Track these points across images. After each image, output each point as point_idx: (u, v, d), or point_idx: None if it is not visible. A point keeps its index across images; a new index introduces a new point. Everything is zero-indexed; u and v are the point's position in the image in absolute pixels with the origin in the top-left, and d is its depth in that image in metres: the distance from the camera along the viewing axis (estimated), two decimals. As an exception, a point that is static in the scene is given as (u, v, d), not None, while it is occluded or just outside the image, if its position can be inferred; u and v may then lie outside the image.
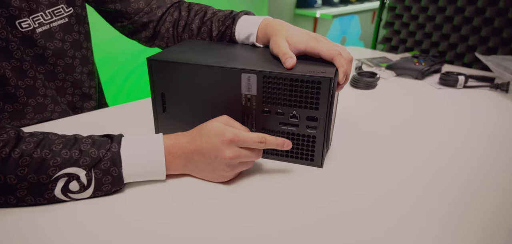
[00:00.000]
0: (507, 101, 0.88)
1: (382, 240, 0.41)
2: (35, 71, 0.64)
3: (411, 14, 1.55)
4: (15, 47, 0.61)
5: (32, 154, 0.43)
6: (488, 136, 0.69)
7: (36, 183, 0.43)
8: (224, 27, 0.69)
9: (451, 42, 1.45)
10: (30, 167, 0.43)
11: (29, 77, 0.64)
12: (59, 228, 0.42)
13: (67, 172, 0.44)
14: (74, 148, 0.45)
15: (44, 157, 0.44)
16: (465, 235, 0.43)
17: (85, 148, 0.46)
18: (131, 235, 0.41)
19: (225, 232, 0.42)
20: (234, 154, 0.48)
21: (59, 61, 0.67)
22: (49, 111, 0.70)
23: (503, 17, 1.30)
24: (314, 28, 3.07)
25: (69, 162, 0.44)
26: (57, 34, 0.65)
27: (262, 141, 0.50)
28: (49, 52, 0.65)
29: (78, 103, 0.76)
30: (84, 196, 0.46)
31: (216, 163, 0.49)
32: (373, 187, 0.51)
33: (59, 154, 0.44)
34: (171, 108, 0.59)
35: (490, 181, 0.54)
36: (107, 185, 0.47)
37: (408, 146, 0.63)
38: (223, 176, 0.50)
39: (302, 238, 0.41)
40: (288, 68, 0.51)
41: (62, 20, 0.66)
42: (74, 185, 0.45)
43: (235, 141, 0.48)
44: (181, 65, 0.55)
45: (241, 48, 0.64)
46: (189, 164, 0.50)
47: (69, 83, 0.72)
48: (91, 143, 0.47)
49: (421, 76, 1.02)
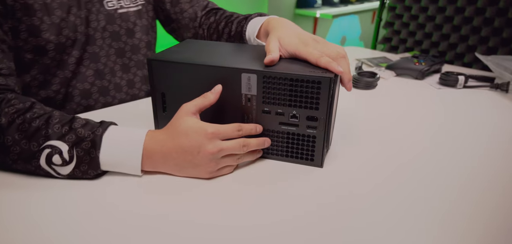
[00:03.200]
0: (507, 101, 0.88)
1: (382, 239, 0.41)
2: (110, 47, 0.76)
3: (411, 14, 1.55)
4: (97, 21, 0.73)
5: (31, 123, 0.48)
6: (488, 136, 0.69)
7: (26, 149, 0.48)
8: (240, 27, 0.74)
9: (451, 42, 1.45)
10: (25, 134, 0.48)
11: (104, 49, 0.75)
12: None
13: (52, 144, 0.48)
14: (66, 125, 0.49)
15: (39, 127, 0.48)
16: (465, 234, 0.43)
17: (75, 127, 0.49)
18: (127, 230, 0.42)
19: (225, 232, 0.42)
20: (218, 148, 0.49)
21: (128, 40, 0.79)
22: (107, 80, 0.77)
23: (503, 17, 1.30)
24: (314, 28, 3.07)
25: (56, 135, 0.48)
26: (131, 17, 0.78)
27: (239, 129, 0.52)
28: (123, 31, 0.77)
29: (138, 84, 0.83)
30: (65, 171, 0.49)
31: (199, 159, 0.50)
32: (373, 187, 0.51)
33: (52, 127, 0.49)
34: (171, 108, 0.59)
35: (490, 181, 0.54)
36: (84, 165, 0.49)
37: (408, 146, 0.63)
38: (207, 172, 0.51)
39: (302, 238, 0.41)
40: (265, 63, 0.53)
41: (137, 7, 0.79)
42: (56, 159, 0.48)
43: (216, 134, 0.50)
44: (181, 65, 0.55)
45: (241, 48, 0.64)
46: (167, 161, 0.51)
47: (133, 62, 0.81)
48: (83, 124, 0.50)
49: (421, 76, 1.02)
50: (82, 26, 0.70)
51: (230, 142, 0.51)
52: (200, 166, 0.50)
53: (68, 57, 0.69)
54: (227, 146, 0.50)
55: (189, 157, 0.50)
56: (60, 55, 0.68)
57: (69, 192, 0.48)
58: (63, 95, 0.72)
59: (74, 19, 0.68)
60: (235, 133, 0.52)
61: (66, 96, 0.72)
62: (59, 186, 0.49)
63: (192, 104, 0.52)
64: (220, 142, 0.50)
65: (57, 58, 0.68)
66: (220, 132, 0.50)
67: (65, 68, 0.70)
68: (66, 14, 0.67)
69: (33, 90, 0.69)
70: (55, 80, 0.70)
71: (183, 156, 0.50)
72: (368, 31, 3.64)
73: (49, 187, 0.49)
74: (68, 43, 0.68)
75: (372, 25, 3.59)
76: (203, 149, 0.49)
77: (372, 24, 3.65)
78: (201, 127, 0.50)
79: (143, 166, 0.51)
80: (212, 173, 0.51)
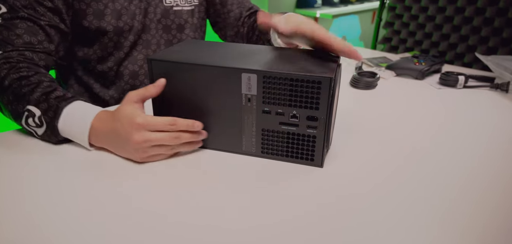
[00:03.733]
0: (507, 101, 0.88)
1: (383, 239, 0.41)
2: (160, 39, 0.85)
3: (411, 14, 1.55)
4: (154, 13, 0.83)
5: (22, 89, 0.57)
6: (488, 136, 0.69)
7: (15, 109, 0.58)
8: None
9: (451, 42, 1.45)
10: (15, 96, 0.57)
11: (156, 38, 0.84)
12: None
13: (29, 109, 0.57)
14: (45, 94, 0.57)
15: (25, 93, 0.57)
16: (465, 234, 0.43)
17: (50, 97, 0.57)
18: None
19: (225, 232, 0.42)
20: (144, 138, 0.52)
21: (177, 34, 0.88)
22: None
23: (503, 17, 1.30)
24: (314, 28, 3.06)
25: (34, 101, 0.57)
26: (184, 15, 0.87)
27: (173, 124, 0.54)
28: (174, 25, 0.86)
29: None
30: (40, 132, 0.58)
31: (127, 146, 0.53)
32: (373, 187, 0.51)
33: (34, 94, 0.57)
34: (171, 107, 0.59)
35: (490, 181, 0.54)
36: (49, 131, 0.57)
37: (408, 146, 0.63)
38: (137, 157, 0.54)
39: (302, 238, 0.41)
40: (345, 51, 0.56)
41: (190, 7, 0.89)
42: (31, 121, 0.57)
43: (143, 125, 0.52)
44: (181, 65, 0.55)
45: (242, 48, 0.64)
46: (107, 140, 0.56)
47: None
48: (57, 96, 0.57)
49: (421, 76, 1.02)
50: (140, 16, 0.80)
51: (160, 134, 0.53)
52: (130, 152, 0.54)
53: (125, 40, 0.79)
54: (156, 137, 0.53)
55: (121, 142, 0.54)
56: (117, 37, 0.78)
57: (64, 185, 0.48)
58: (115, 72, 0.82)
59: (134, 9, 0.78)
60: (167, 127, 0.53)
61: (117, 74, 0.82)
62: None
63: (135, 93, 0.56)
64: (148, 133, 0.52)
65: (115, 39, 0.78)
66: (149, 124, 0.52)
67: (120, 49, 0.80)
68: (128, 3, 0.77)
69: (92, 63, 0.80)
70: (111, 58, 0.80)
71: (117, 140, 0.54)
72: (368, 31, 3.64)
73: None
74: (126, 28, 0.78)
75: (372, 25, 3.59)
76: (130, 138, 0.52)
77: (372, 24, 3.65)
78: (133, 116, 0.53)
79: (91, 141, 0.56)
80: (143, 159, 0.54)
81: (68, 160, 0.56)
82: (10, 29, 0.63)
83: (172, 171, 0.54)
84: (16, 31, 0.63)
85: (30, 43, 0.64)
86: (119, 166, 0.55)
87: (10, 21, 0.63)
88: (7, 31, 0.63)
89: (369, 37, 3.53)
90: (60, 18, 0.70)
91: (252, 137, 0.57)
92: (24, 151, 0.58)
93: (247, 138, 0.57)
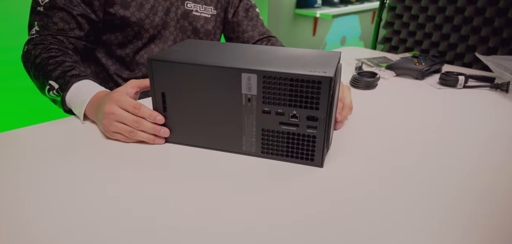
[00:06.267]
0: (507, 101, 0.88)
1: (383, 239, 0.41)
2: (176, 37, 0.93)
3: (411, 14, 1.55)
4: (175, 13, 0.92)
5: (49, 65, 0.70)
6: (488, 136, 0.69)
7: (41, 81, 0.71)
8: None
9: (451, 42, 1.45)
10: (42, 71, 0.71)
11: (173, 35, 0.92)
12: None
13: (50, 83, 0.69)
14: (64, 72, 0.68)
15: (50, 70, 0.69)
16: (465, 234, 0.43)
17: (68, 74, 0.68)
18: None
19: (225, 233, 0.42)
20: (111, 110, 0.58)
21: (192, 36, 0.96)
22: None
23: (503, 17, 1.30)
24: (314, 28, 3.07)
25: (54, 77, 0.68)
26: (200, 20, 0.95)
27: (137, 107, 0.59)
28: (190, 27, 0.95)
29: None
30: (56, 100, 0.70)
31: (99, 114, 0.61)
32: (373, 187, 0.51)
33: (56, 71, 0.69)
34: (171, 107, 0.59)
35: (490, 181, 0.54)
36: (62, 101, 0.68)
37: (408, 146, 0.63)
38: (103, 127, 0.61)
39: (302, 238, 0.41)
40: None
41: (208, 15, 0.96)
42: (51, 93, 0.69)
43: (115, 100, 0.59)
44: (181, 65, 0.55)
45: (242, 48, 0.64)
46: (94, 110, 0.63)
47: None
48: (73, 74, 0.68)
49: (421, 76, 1.02)
50: (162, 13, 0.88)
51: (124, 112, 0.59)
52: (100, 121, 0.61)
53: (145, 32, 0.87)
54: (120, 113, 0.58)
55: (99, 112, 0.61)
56: (138, 28, 0.86)
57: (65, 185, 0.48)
58: (131, 59, 0.90)
59: (157, 5, 0.87)
60: (131, 109, 0.59)
61: (133, 61, 0.90)
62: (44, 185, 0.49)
63: (135, 80, 0.65)
64: (116, 107, 0.59)
65: (136, 29, 0.86)
66: (119, 101, 0.59)
67: (139, 39, 0.88)
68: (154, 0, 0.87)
69: (113, 47, 0.88)
70: (130, 46, 0.88)
71: (97, 109, 0.62)
72: (368, 31, 3.64)
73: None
74: (147, 21, 0.86)
75: (372, 25, 3.59)
76: (102, 106, 0.60)
77: (372, 24, 3.65)
78: (115, 91, 0.61)
79: (86, 112, 0.65)
80: (107, 131, 0.61)
81: (64, 160, 0.56)
82: (49, 16, 0.77)
83: (169, 171, 0.54)
84: (53, 19, 0.77)
85: (63, 30, 0.78)
86: (115, 166, 0.55)
87: (50, 10, 0.77)
88: (47, 19, 0.77)
89: (369, 37, 3.54)
90: (91, 9, 0.80)
91: (252, 137, 0.57)
92: (23, 151, 0.58)
93: (247, 138, 0.57)
